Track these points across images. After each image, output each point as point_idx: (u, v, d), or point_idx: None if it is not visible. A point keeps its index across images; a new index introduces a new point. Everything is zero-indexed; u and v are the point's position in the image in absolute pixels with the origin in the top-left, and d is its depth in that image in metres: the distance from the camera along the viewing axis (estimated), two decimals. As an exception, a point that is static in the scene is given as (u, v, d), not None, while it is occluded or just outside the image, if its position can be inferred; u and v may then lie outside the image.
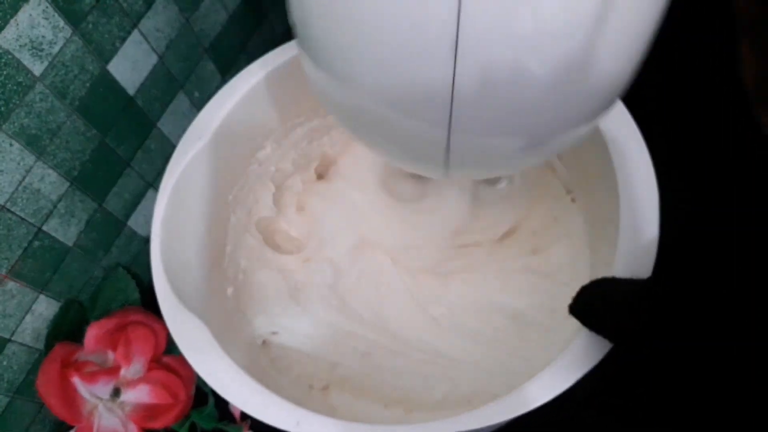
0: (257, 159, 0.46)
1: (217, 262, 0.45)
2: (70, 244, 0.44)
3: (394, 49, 0.25)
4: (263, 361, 0.45)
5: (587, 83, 0.26)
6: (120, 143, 0.46)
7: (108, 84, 0.43)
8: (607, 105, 0.29)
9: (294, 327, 0.47)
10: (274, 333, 0.47)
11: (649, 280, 0.33)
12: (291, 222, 0.51)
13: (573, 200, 0.46)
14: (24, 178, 0.39)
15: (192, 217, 0.41)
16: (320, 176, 0.53)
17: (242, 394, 0.34)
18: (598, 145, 0.38)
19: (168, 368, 0.45)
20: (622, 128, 0.37)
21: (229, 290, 0.45)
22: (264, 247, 0.49)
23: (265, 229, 0.50)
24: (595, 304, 0.32)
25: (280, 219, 0.51)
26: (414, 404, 0.44)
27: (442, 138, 0.28)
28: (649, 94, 0.39)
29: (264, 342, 0.46)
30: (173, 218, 0.39)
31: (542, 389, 0.32)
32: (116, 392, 0.44)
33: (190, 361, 0.34)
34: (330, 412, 0.33)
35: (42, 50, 0.37)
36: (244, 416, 0.48)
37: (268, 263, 0.49)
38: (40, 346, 0.44)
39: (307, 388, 0.45)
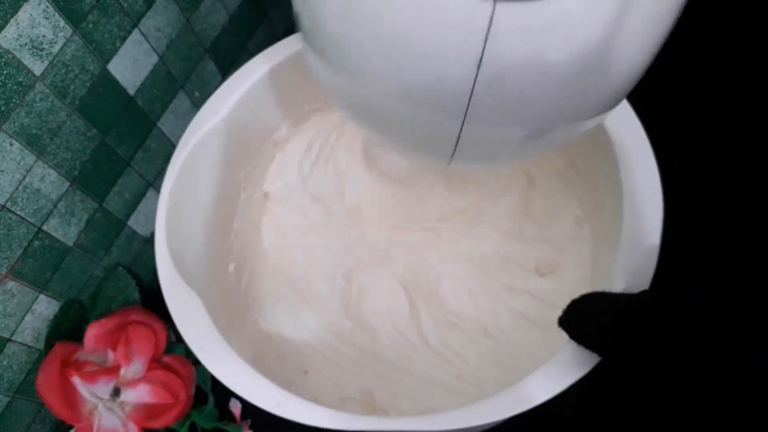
0: (272, 139, 0.46)
1: (223, 237, 0.45)
2: (71, 243, 0.44)
3: (418, 52, 0.24)
4: (258, 342, 0.45)
5: (604, 77, 0.26)
6: (120, 143, 0.46)
7: (108, 84, 0.43)
8: (618, 98, 0.29)
9: (290, 312, 0.47)
10: (271, 317, 0.46)
11: (643, 293, 0.33)
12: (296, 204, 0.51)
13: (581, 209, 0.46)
14: (24, 177, 0.39)
15: (201, 190, 0.41)
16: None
17: (227, 369, 0.34)
18: (606, 150, 0.37)
19: (168, 368, 0.45)
20: (629, 132, 0.37)
21: (231, 266, 0.45)
22: (270, 227, 0.49)
23: (273, 209, 0.50)
24: (584, 318, 0.32)
25: (287, 200, 0.51)
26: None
27: (454, 131, 0.28)
28: (658, 97, 0.38)
29: (260, 328, 0.46)
30: (182, 189, 0.39)
31: (539, 388, 0.31)
32: (116, 392, 0.44)
33: (180, 331, 0.34)
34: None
35: (42, 50, 0.37)
36: (244, 416, 0.47)
37: (273, 243, 0.49)
38: (41, 345, 0.44)
39: (301, 373, 0.45)
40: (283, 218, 0.51)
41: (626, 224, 0.35)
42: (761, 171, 0.47)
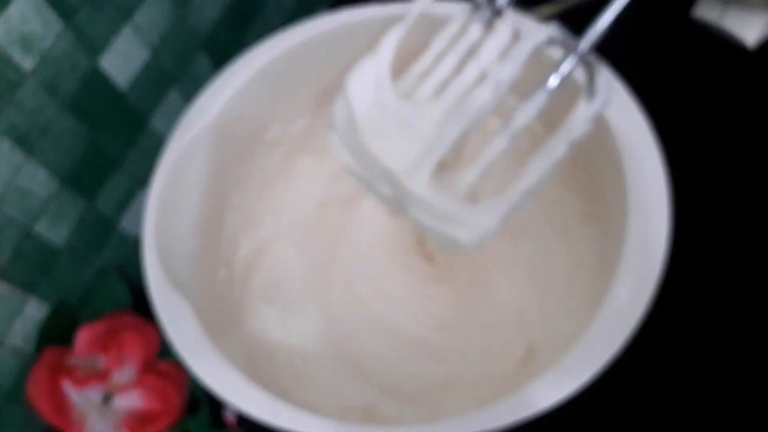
0: (263, 139, 0.46)
1: (213, 242, 0.44)
2: (61, 244, 0.43)
3: None
4: (251, 350, 0.44)
5: None
6: (111, 141, 0.45)
7: (99, 80, 0.42)
8: None
9: (285, 319, 0.47)
10: (265, 324, 0.46)
11: None
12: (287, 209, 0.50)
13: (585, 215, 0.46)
14: (13, 177, 0.38)
15: (190, 193, 0.41)
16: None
17: (220, 379, 0.33)
18: (610, 149, 0.37)
19: (161, 373, 0.44)
20: (634, 130, 0.37)
21: (222, 272, 0.45)
22: (261, 231, 0.49)
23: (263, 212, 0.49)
24: None
25: (279, 203, 0.50)
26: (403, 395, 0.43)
27: None
28: (659, 95, 0.38)
29: (253, 335, 0.46)
30: (171, 192, 0.38)
31: (542, 394, 0.31)
32: (108, 398, 0.43)
33: (170, 340, 0.34)
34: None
35: (32, 45, 0.36)
36: (239, 423, 0.47)
37: (263, 248, 0.48)
38: (31, 349, 0.43)
39: (297, 382, 0.44)
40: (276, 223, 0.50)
41: (631, 223, 0.35)
42: (762, 171, 0.47)
